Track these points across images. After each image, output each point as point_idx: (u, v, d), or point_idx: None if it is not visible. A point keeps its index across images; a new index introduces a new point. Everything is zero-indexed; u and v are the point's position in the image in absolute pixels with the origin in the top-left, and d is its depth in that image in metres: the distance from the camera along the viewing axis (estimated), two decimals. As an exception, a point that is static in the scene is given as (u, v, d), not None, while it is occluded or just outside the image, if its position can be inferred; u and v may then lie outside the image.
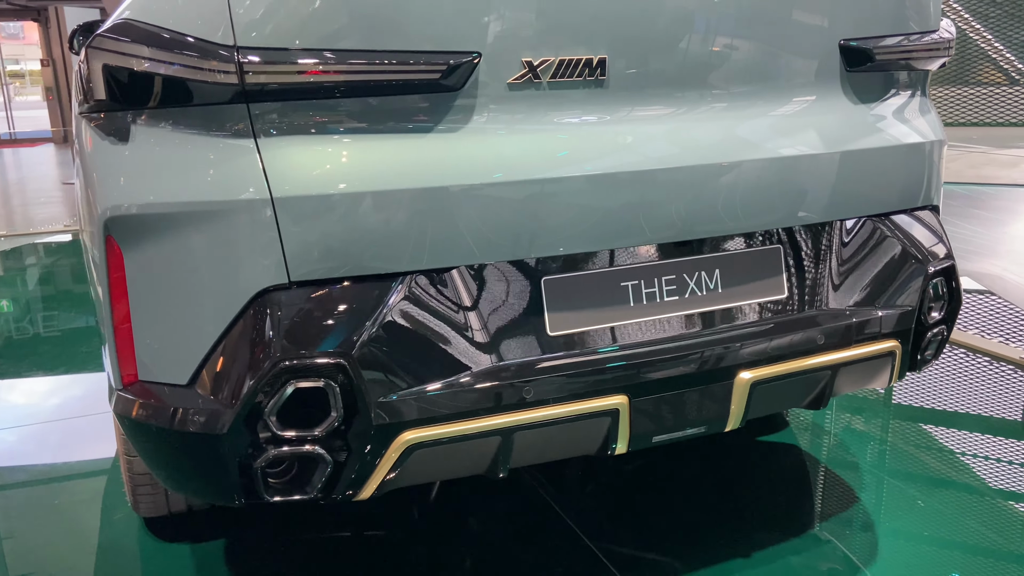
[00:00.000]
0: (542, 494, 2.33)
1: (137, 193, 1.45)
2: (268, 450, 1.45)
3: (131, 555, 2.12)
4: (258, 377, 1.41)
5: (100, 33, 1.43)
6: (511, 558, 2.05)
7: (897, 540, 2.10)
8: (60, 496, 2.44)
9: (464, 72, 1.42)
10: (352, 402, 1.43)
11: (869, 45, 1.72)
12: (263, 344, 1.42)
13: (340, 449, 1.46)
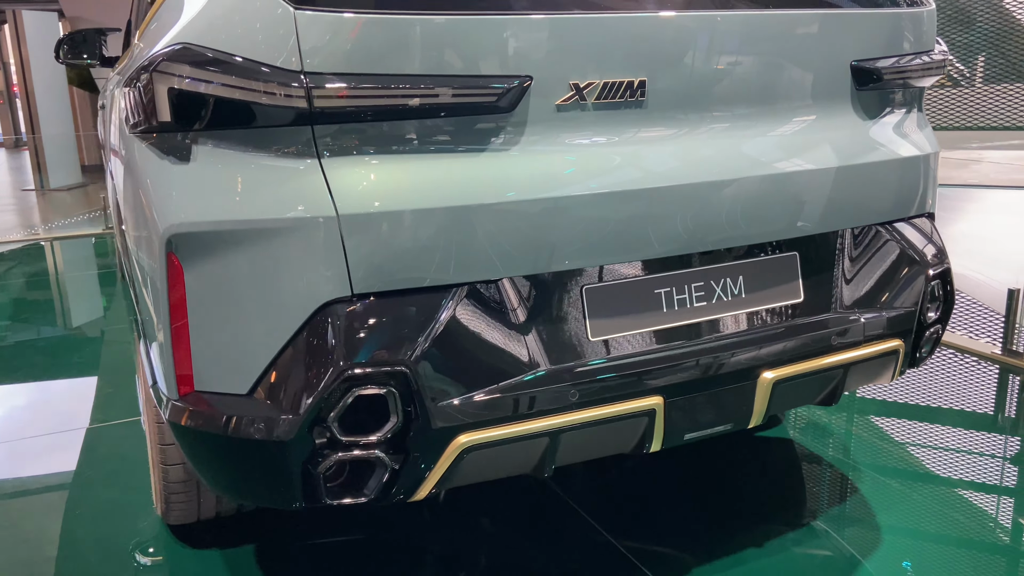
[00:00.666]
0: (555, 489, 2.42)
1: (200, 211, 1.51)
2: (330, 455, 1.51)
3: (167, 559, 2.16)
4: (323, 385, 1.47)
5: (166, 58, 1.48)
6: (526, 545, 2.14)
7: (885, 528, 2.23)
8: (80, 506, 2.47)
9: (516, 95, 1.51)
10: (411, 408, 1.50)
11: (876, 65, 1.85)
12: (327, 354, 1.48)
13: (399, 453, 1.53)
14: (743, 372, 1.76)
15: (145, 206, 1.60)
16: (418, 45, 1.46)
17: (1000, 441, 2.82)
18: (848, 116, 1.88)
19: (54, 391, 3.46)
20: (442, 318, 1.53)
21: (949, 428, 2.89)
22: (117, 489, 2.54)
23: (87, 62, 4.07)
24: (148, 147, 1.59)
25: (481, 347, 1.56)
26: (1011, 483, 2.53)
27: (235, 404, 1.56)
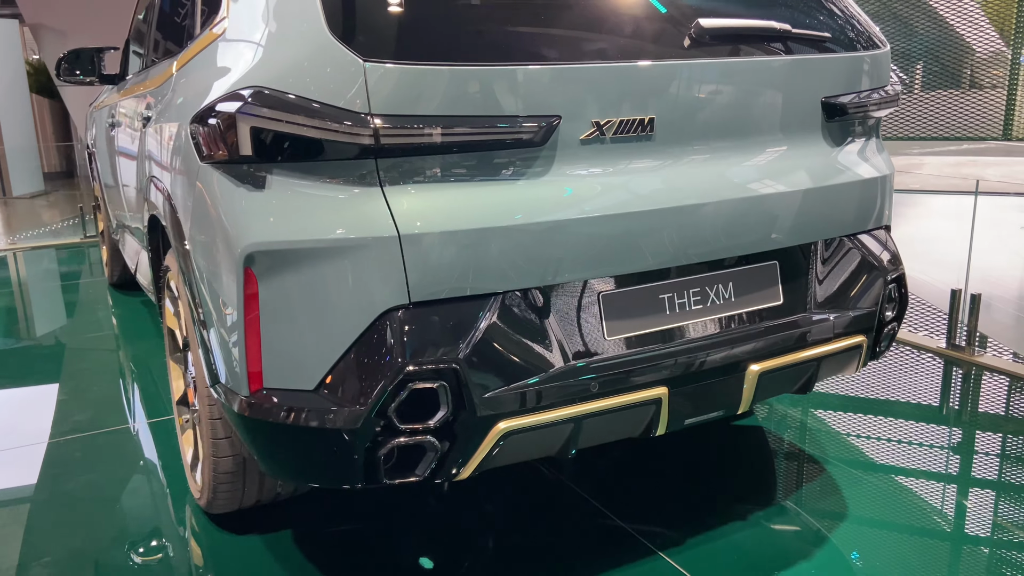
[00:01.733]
0: (553, 473, 2.69)
1: (276, 232, 1.74)
2: (389, 441, 1.75)
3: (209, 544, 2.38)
4: (385, 381, 1.72)
5: (249, 100, 1.71)
6: (530, 518, 2.41)
7: (843, 503, 2.55)
8: (120, 500, 2.66)
9: (547, 131, 1.77)
10: (460, 399, 1.75)
11: (842, 101, 2.16)
12: (388, 354, 1.73)
13: (447, 438, 1.77)
14: (733, 365, 2.04)
15: (222, 226, 1.83)
16: (466, 90, 1.72)
17: (944, 426, 3.16)
18: (819, 144, 2.19)
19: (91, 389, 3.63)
20: (484, 322, 1.79)
21: (900, 414, 3.23)
22: (157, 483, 2.74)
23: (86, 80, 4.22)
24: (224, 175, 1.82)
25: (517, 346, 1.81)
26: (953, 462, 2.87)
27: (303, 398, 1.80)
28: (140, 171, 2.85)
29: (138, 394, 3.56)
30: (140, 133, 2.85)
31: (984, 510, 2.55)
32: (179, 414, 2.75)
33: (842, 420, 3.18)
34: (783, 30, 2.06)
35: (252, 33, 1.94)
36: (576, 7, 1.93)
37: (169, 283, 2.56)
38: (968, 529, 2.44)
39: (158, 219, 2.57)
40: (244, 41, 1.96)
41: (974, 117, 8.24)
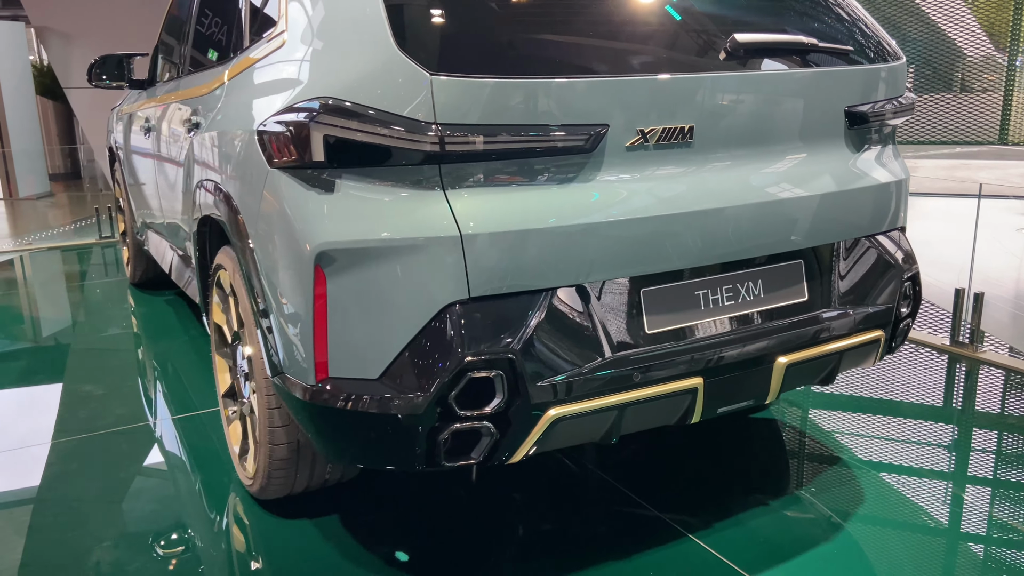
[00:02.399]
0: (581, 462, 2.83)
1: (345, 232, 1.88)
2: (448, 426, 1.89)
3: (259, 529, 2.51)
4: (446, 370, 1.85)
5: (323, 110, 1.84)
6: (564, 504, 2.55)
7: (855, 491, 2.69)
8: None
9: (596, 139, 1.91)
10: (514, 387, 1.89)
11: (864, 109, 2.31)
12: (449, 345, 1.86)
13: (502, 424, 1.91)
14: (763, 357, 2.19)
15: (292, 227, 1.96)
16: (523, 101, 1.85)
17: (951, 418, 3.32)
18: (841, 151, 2.33)
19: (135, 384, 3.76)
20: (536, 316, 1.92)
21: (908, 408, 3.37)
22: (205, 472, 2.87)
23: (114, 84, 4.35)
24: (295, 180, 1.95)
25: (566, 338, 1.95)
26: (959, 454, 3.02)
27: (368, 387, 1.93)
28: (188, 175, 2.97)
29: (173, 389, 3.68)
30: (187, 138, 2.97)
31: (986, 498, 2.70)
32: (225, 406, 2.87)
33: (852, 413, 3.33)
34: (811, 44, 2.21)
35: (315, 47, 2.07)
36: (623, 24, 2.07)
37: (220, 280, 2.69)
38: (971, 514, 2.59)
39: (210, 220, 2.70)
40: (307, 54, 2.10)
41: (970, 121, 8.39)
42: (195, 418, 3.32)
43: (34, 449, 3.08)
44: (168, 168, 3.42)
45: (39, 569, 2.34)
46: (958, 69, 13.89)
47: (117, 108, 5.07)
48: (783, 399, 3.39)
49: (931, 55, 12.32)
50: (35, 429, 3.26)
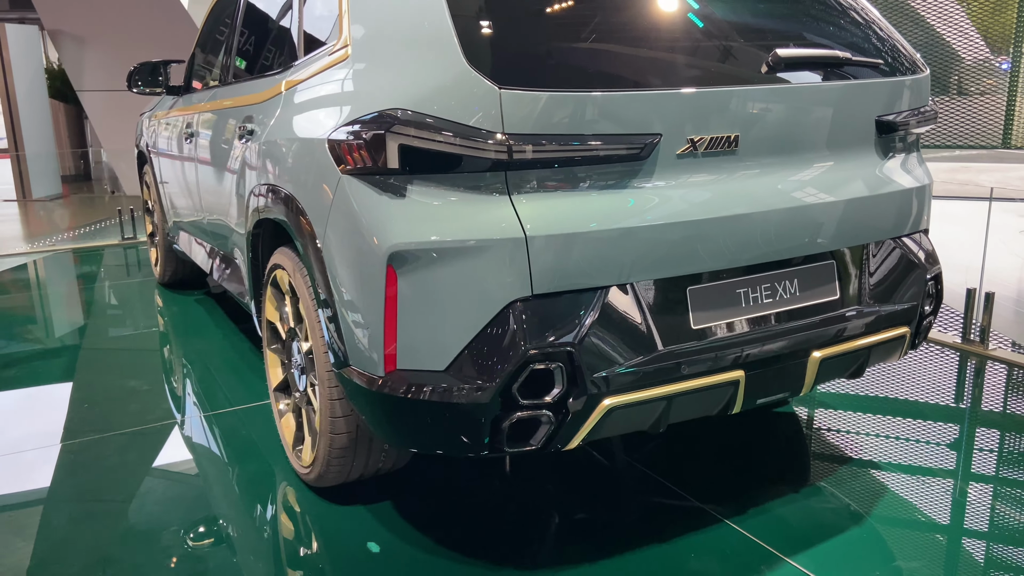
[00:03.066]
0: (615, 453, 2.97)
1: (416, 233, 2.02)
2: (511, 414, 2.03)
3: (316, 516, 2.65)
4: (510, 362, 1.99)
5: (397, 121, 1.99)
6: (603, 491, 2.70)
7: (871, 481, 2.84)
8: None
9: (650, 147, 2.06)
10: (572, 378, 2.03)
11: (894, 119, 2.46)
12: (513, 338, 2.00)
13: (560, 412, 2.05)
14: (799, 352, 2.33)
15: (365, 229, 2.10)
16: (583, 112, 2.00)
17: (963, 412, 3.47)
18: (872, 158, 2.48)
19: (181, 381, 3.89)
20: (593, 312, 2.06)
21: (924, 404, 3.52)
22: (259, 462, 3.01)
23: (151, 90, 4.49)
24: (368, 185, 2.10)
25: (619, 333, 2.09)
26: (971, 444, 3.17)
27: (435, 377, 2.07)
28: (241, 180, 3.10)
29: (215, 384, 3.82)
30: (240, 145, 3.11)
31: (995, 488, 2.85)
32: (277, 400, 3.01)
33: (869, 408, 3.47)
34: (845, 58, 2.36)
35: (383, 61, 2.22)
36: (672, 40, 2.22)
37: (275, 280, 2.83)
38: (979, 503, 2.74)
39: (267, 222, 2.84)
40: (374, 68, 2.24)
41: (974, 126, 8.54)
42: (243, 411, 3.46)
43: (89, 440, 3.22)
44: (215, 172, 3.56)
45: (123, 539, 2.48)
46: (955, 73, 14.07)
47: (149, 112, 5.20)
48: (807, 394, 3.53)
49: (929, 59, 12.47)
50: (88, 421, 3.39)
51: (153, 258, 5.68)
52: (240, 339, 4.42)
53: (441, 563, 2.38)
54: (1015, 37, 8.40)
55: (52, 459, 3.08)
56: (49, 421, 3.43)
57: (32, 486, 2.90)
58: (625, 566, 2.34)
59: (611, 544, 2.44)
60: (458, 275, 2.02)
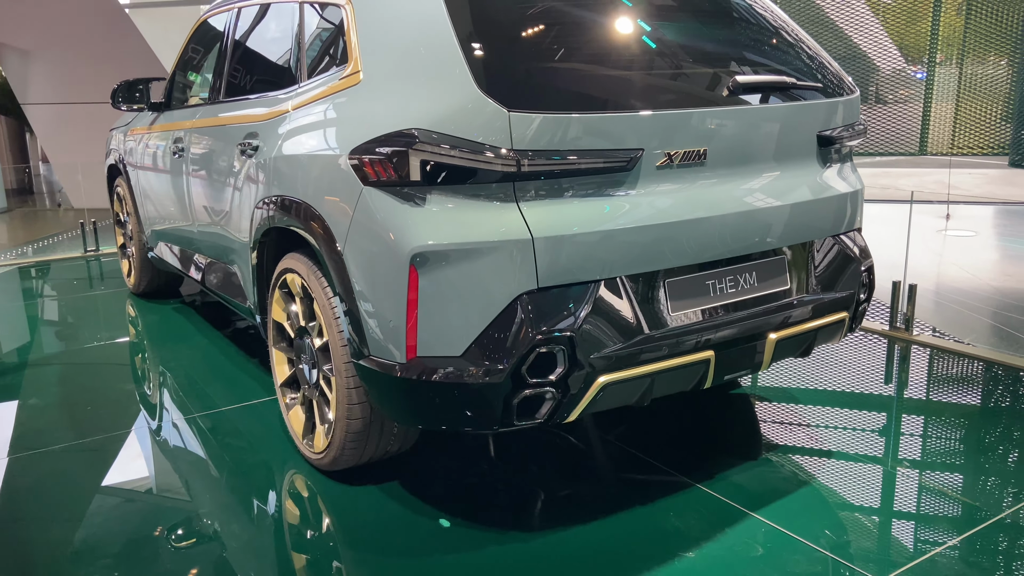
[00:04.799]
0: (594, 432, 3.32)
1: (437, 236, 2.33)
2: (520, 392, 2.35)
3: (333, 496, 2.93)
4: (520, 346, 2.31)
5: (419, 139, 2.30)
6: (591, 465, 3.04)
7: (808, 452, 3.26)
8: (241, 466, 3.17)
9: (634, 160, 2.41)
10: (573, 359, 2.36)
11: (832, 134, 2.87)
12: (522, 326, 2.33)
13: (562, 389, 2.38)
14: (758, 334, 2.71)
15: (387, 234, 2.40)
16: (579, 131, 2.34)
17: (891, 387, 3.92)
18: (815, 167, 2.89)
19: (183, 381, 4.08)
20: (589, 301, 2.40)
21: (857, 384, 3.97)
22: (271, 452, 3.27)
23: (135, 107, 4.69)
24: (390, 196, 2.40)
25: (612, 319, 2.43)
26: (900, 414, 3.62)
27: (453, 362, 2.38)
28: (244, 192, 3.36)
29: (214, 383, 4.04)
30: (242, 160, 3.36)
31: (919, 445, 3.30)
32: (283, 395, 3.27)
33: (812, 386, 3.90)
34: (793, 83, 2.77)
35: (398, 86, 2.53)
36: (652, 70, 2.60)
37: (284, 283, 3.09)
38: (907, 455, 3.18)
39: (276, 231, 3.10)
40: (389, 91, 2.55)
41: (893, 133, 9.20)
42: (249, 407, 3.70)
43: (98, 438, 3.42)
44: (212, 185, 3.79)
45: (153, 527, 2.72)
46: (873, 83, 14.94)
47: (123, 128, 5.36)
48: (758, 374, 3.94)
49: (849, 69, 13.25)
50: (94, 421, 3.59)
51: (125, 269, 5.82)
52: (226, 343, 4.63)
53: (450, 530, 2.69)
54: (929, 49, 9.08)
55: (67, 456, 3.28)
56: (55, 422, 3.61)
57: (71, 477, 3.11)
58: (613, 526, 2.68)
59: (598, 510, 2.79)
60: (473, 272, 2.34)
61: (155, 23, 10.25)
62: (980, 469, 3.09)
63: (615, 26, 2.64)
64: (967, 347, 4.41)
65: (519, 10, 2.54)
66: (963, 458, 3.21)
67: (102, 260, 7.03)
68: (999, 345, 4.57)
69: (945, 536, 2.64)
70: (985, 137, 8.46)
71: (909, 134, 8.95)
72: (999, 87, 8.59)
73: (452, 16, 2.44)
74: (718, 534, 2.62)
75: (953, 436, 3.44)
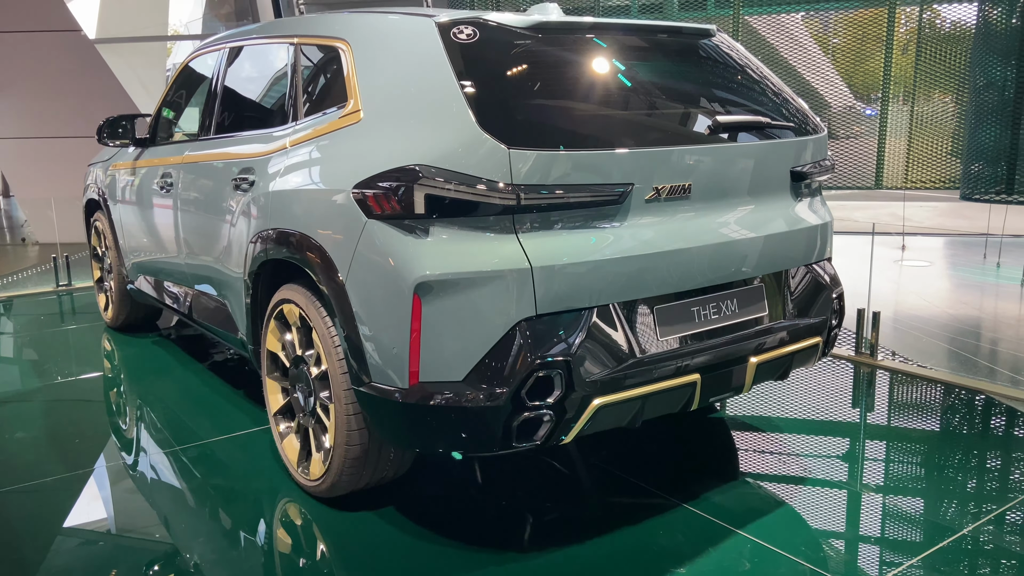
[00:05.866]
0: (583, 456, 3.44)
1: (438, 267, 2.44)
2: (520, 415, 2.46)
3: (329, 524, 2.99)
4: (519, 371, 2.43)
5: (423, 175, 2.42)
6: (579, 488, 3.15)
7: (783, 469, 3.41)
8: (236, 494, 3.22)
9: (625, 194, 2.56)
10: (570, 383, 2.48)
11: (804, 169, 3.05)
12: (522, 351, 2.44)
13: (560, 411, 2.49)
14: (740, 358, 2.86)
15: (391, 265, 2.51)
16: (574, 167, 2.48)
17: (859, 410, 4.10)
18: (788, 201, 3.07)
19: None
20: (585, 327, 2.53)
21: (826, 408, 4.14)
22: (269, 481, 3.32)
23: (118, 143, 4.76)
24: (394, 228, 2.51)
25: (605, 344, 2.56)
26: (868, 434, 3.79)
27: (455, 387, 2.49)
28: (238, 225, 3.44)
29: (195, 416, 4.07)
30: (237, 195, 3.44)
31: (883, 459, 3.46)
32: (277, 424, 3.34)
33: (785, 410, 4.06)
34: (768, 122, 2.95)
35: (399, 124, 2.66)
36: (641, 111, 2.78)
37: (280, 313, 3.17)
38: (873, 472, 3.34)
39: (272, 263, 3.18)
40: (391, 129, 2.67)
41: (850, 168, 9.53)
42: (238, 437, 3.75)
43: (106, 468, 3.45)
44: (203, 219, 3.86)
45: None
46: (824, 119, 15.44)
47: (103, 162, 5.39)
48: (735, 398, 4.09)
49: (805, 106, 13.64)
50: (84, 453, 3.61)
51: (102, 303, 5.82)
52: (208, 375, 4.67)
53: (445, 552, 2.77)
54: (883, 86, 9.44)
55: (52, 490, 3.30)
56: (44, 455, 3.62)
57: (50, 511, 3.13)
58: (604, 546, 2.79)
59: (589, 531, 2.89)
60: (474, 300, 2.45)
61: (124, 58, 10.29)
62: (944, 485, 3.26)
63: (607, 69, 2.81)
64: (928, 371, 4.62)
65: (515, 52, 2.69)
66: (929, 475, 3.38)
67: (74, 295, 6.99)
68: (958, 369, 4.80)
69: (915, 549, 2.79)
70: (937, 171, 8.83)
71: (865, 169, 9.28)
72: (948, 124, 8.99)
73: (451, 58, 2.58)
74: (706, 551, 2.74)
75: (918, 455, 3.62)
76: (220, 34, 4.32)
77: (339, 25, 3.16)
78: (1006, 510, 3.01)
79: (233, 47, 3.98)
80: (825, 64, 14.58)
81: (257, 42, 3.84)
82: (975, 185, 6.71)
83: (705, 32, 3.21)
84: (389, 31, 2.94)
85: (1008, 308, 6.61)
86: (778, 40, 13.74)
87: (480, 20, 2.72)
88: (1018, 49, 6.04)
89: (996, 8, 6.60)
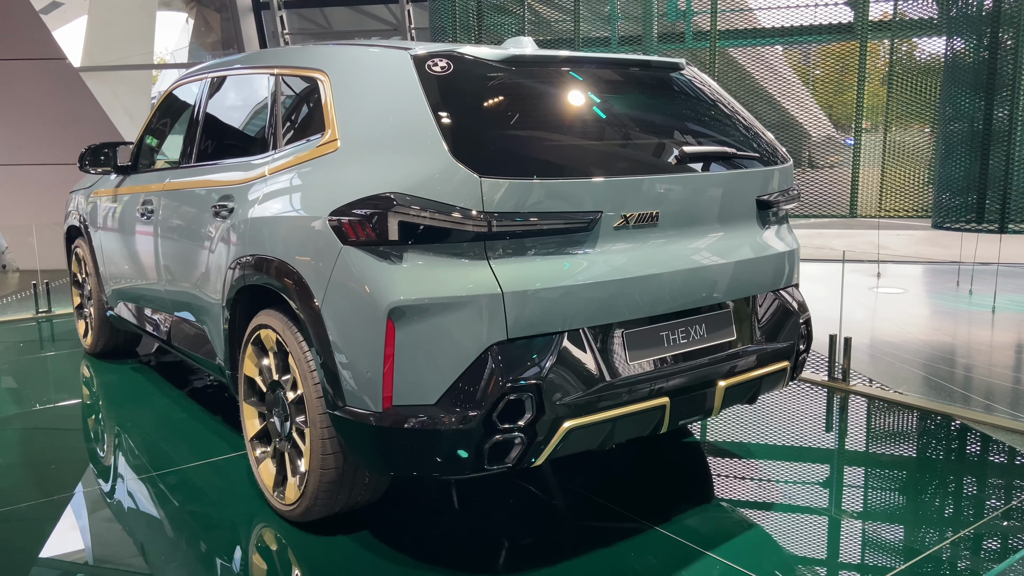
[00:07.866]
0: (547, 482, 3.48)
1: (413, 292, 2.50)
2: (491, 437, 2.51)
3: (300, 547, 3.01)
4: (491, 394, 2.48)
5: (397, 202, 2.48)
6: (537, 507, 3.19)
7: (767, 495, 3.47)
8: (212, 519, 3.24)
9: (595, 222, 2.63)
10: (540, 405, 2.53)
11: (770, 198, 3.14)
12: (493, 375, 2.50)
13: (531, 434, 2.54)
14: (709, 382, 2.92)
15: (366, 290, 2.56)
16: (545, 195, 2.55)
17: (832, 434, 4.16)
18: (755, 228, 3.15)
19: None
20: (555, 351, 2.58)
21: (799, 432, 4.20)
22: (242, 504, 3.34)
23: (100, 170, 4.81)
24: (368, 254, 2.57)
25: (576, 368, 2.62)
26: (840, 459, 3.85)
27: (427, 410, 2.53)
28: (217, 251, 3.48)
29: (174, 442, 4.08)
30: (216, 221, 3.48)
31: (859, 483, 3.52)
32: (253, 449, 3.36)
33: (758, 434, 4.12)
34: (734, 152, 3.04)
35: (375, 153, 2.72)
36: (610, 141, 2.86)
37: (258, 338, 3.21)
38: (849, 497, 3.40)
39: (250, 288, 3.23)
40: (367, 158, 2.74)
41: (826, 197, 9.67)
42: (213, 463, 3.76)
43: (83, 494, 3.45)
44: (182, 246, 3.90)
45: None
46: (805, 148, 15.67)
47: (85, 190, 5.42)
48: (708, 422, 4.15)
49: (783, 137, 13.89)
50: (59, 479, 3.61)
51: (81, 329, 5.82)
52: (188, 401, 4.68)
53: (418, 575, 2.80)
54: (856, 117, 9.63)
55: (36, 515, 3.30)
56: (19, 481, 3.63)
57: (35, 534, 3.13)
58: (578, 569, 2.83)
59: (563, 553, 2.93)
60: (447, 324, 2.51)
61: (109, 86, 10.35)
62: (915, 506, 3.32)
63: (577, 100, 2.89)
64: (901, 396, 4.70)
65: (489, 85, 2.77)
66: (899, 497, 3.45)
67: (54, 322, 6.99)
68: (930, 394, 4.88)
69: (883, 572, 2.84)
70: (910, 201, 9.00)
71: (840, 197, 9.43)
72: (922, 154, 9.18)
73: (426, 89, 2.65)
74: (678, 573, 2.78)
75: (890, 478, 3.68)
76: (203, 63, 4.39)
77: (318, 57, 3.24)
78: (974, 532, 3.07)
79: (216, 76, 4.05)
80: (805, 95, 14.83)
81: (239, 72, 3.91)
82: (946, 214, 6.84)
83: (675, 65, 3.31)
84: (366, 63, 3.02)
85: (980, 335, 6.73)
86: (758, 71, 13.96)
87: (455, 53, 2.81)
88: (986, 82, 6.20)
89: (963, 41, 6.78)
